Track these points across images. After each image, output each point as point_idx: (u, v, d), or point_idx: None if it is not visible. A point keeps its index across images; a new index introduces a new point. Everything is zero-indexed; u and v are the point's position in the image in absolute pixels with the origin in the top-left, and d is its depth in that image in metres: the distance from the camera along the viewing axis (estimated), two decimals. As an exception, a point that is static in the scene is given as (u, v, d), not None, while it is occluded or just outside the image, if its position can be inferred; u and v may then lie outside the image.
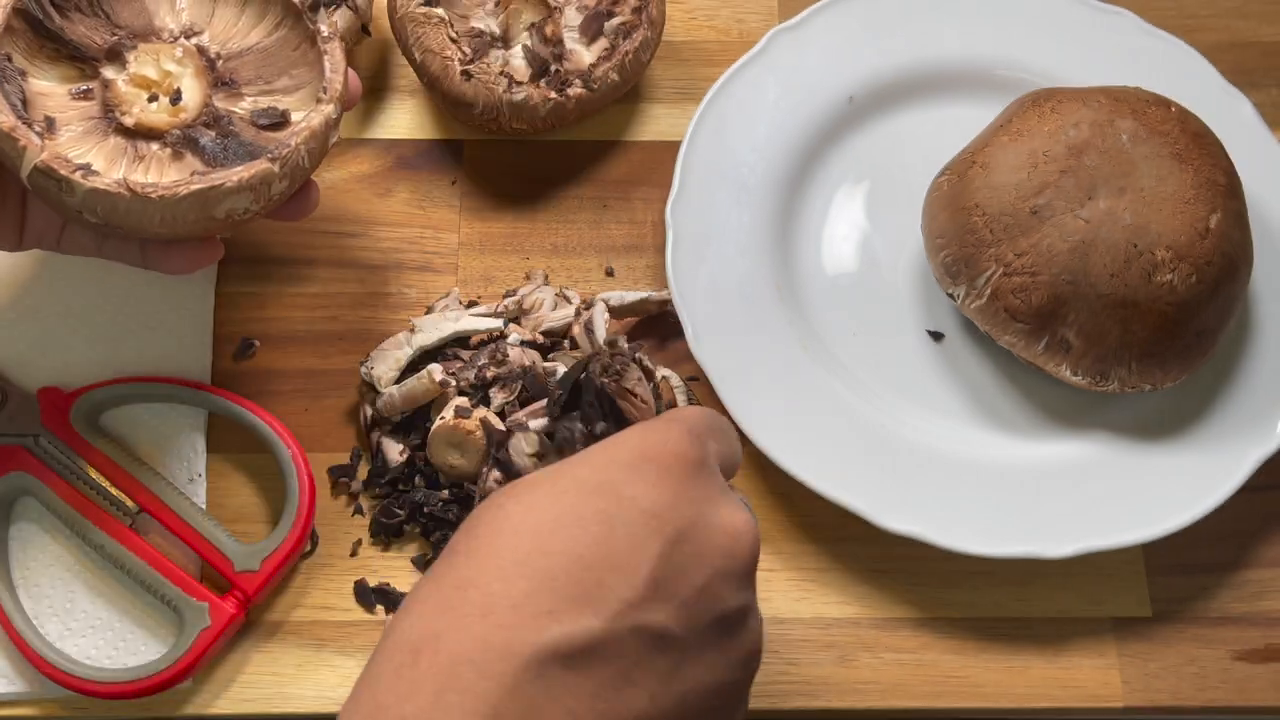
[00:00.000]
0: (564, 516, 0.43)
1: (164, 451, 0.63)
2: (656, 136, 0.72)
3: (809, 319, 0.67)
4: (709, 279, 0.66)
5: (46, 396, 0.63)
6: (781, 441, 0.62)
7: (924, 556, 0.62)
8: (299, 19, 0.60)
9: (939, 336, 0.67)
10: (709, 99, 0.69)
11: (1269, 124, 0.70)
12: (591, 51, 0.69)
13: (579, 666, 0.41)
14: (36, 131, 0.54)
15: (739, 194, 0.68)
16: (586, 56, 0.69)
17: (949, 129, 0.69)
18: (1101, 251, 0.60)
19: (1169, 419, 0.64)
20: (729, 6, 0.76)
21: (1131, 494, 0.62)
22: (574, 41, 0.69)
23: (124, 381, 0.64)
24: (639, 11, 0.69)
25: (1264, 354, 0.66)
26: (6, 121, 0.53)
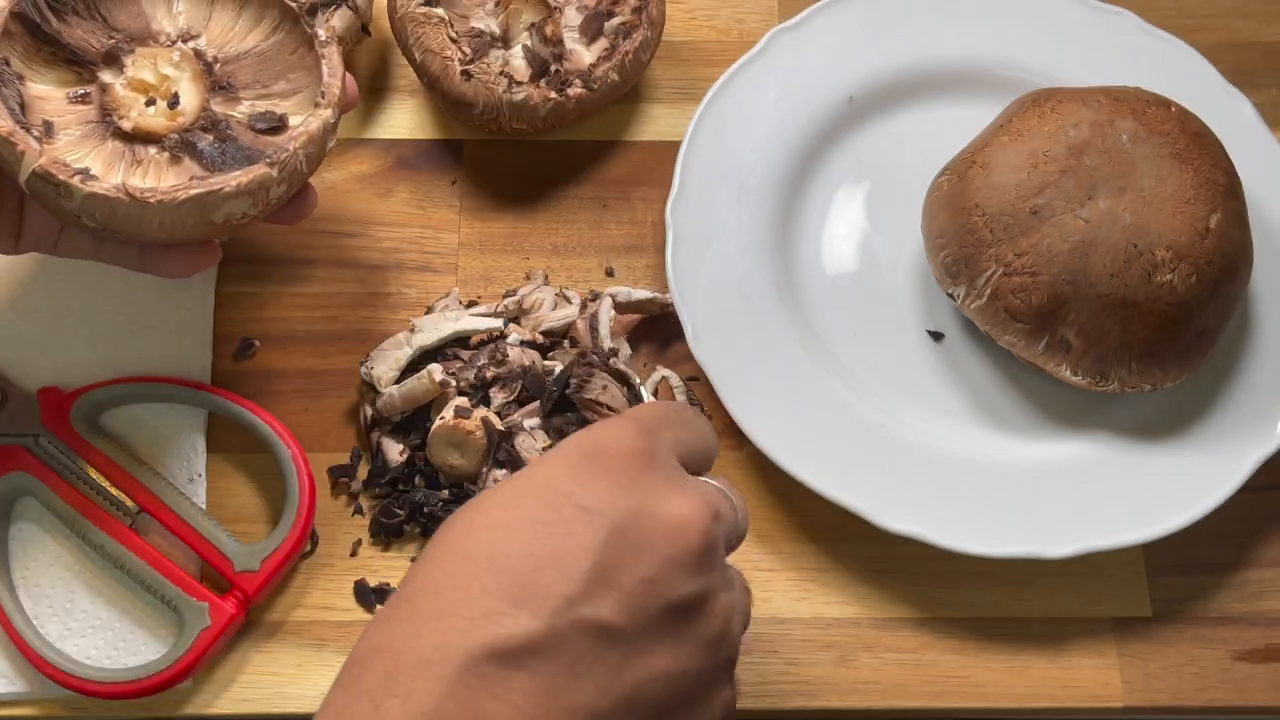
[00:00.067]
0: (512, 520, 0.44)
1: (164, 451, 0.63)
2: (656, 136, 0.72)
3: (809, 319, 0.67)
4: (709, 279, 0.66)
5: (46, 396, 0.63)
6: (781, 441, 0.62)
7: (924, 556, 0.62)
8: (296, 23, 0.60)
9: (939, 336, 0.67)
10: (709, 99, 0.69)
11: (1269, 124, 0.70)
12: (591, 51, 0.69)
13: (522, 664, 0.41)
14: (35, 136, 0.54)
15: (739, 194, 0.68)
16: (586, 56, 0.69)
17: (949, 129, 0.69)
18: (1101, 251, 0.60)
19: (1169, 419, 0.64)
20: (729, 6, 0.76)
21: (1131, 494, 0.62)
22: (574, 41, 0.69)
23: (124, 381, 0.64)
24: (639, 11, 0.69)
25: (1264, 354, 0.66)
26: (5, 126, 0.53)
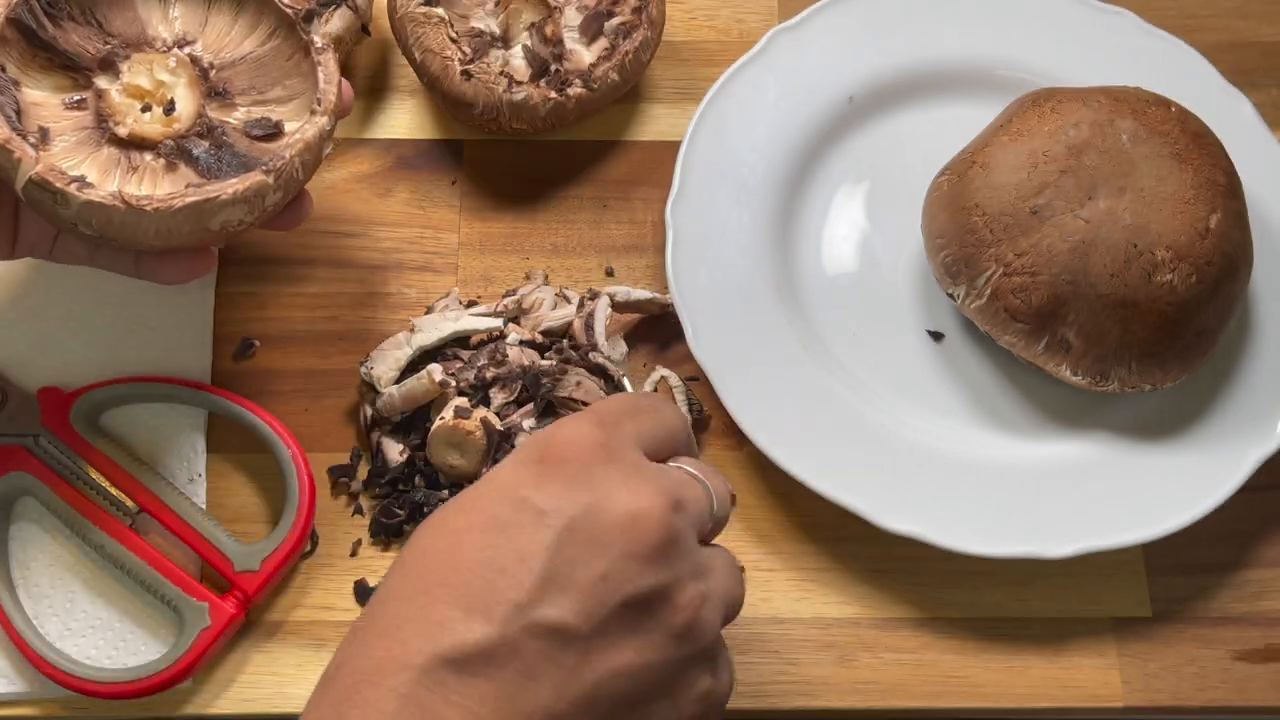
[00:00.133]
0: (467, 527, 0.44)
1: (164, 451, 0.63)
2: (656, 136, 0.72)
3: (809, 319, 0.67)
4: (709, 279, 0.66)
5: (46, 396, 0.63)
6: (781, 441, 0.62)
7: (924, 556, 0.62)
8: (292, 29, 0.60)
9: (939, 336, 0.67)
10: (709, 99, 0.69)
11: (1269, 124, 0.70)
12: (591, 51, 0.69)
13: (477, 671, 0.42)
14: (31, 143, 0.54)
15: (739, 194, 0.68)
16: (586, 56, 0.69)
17: (949, 129, 0.69)
18: (1101, 251, 0.60)
19: (1169, 419, 0.64)
20: (729, 6, 0.76)
21: (1131, 494, 0.62)
22: (574, 41, 0.69)
23: (124, 381, 0.64)
24: (639, 11, 0.69)
25: (1264, 354, 0.66)
26: (1, 134, 0.53)
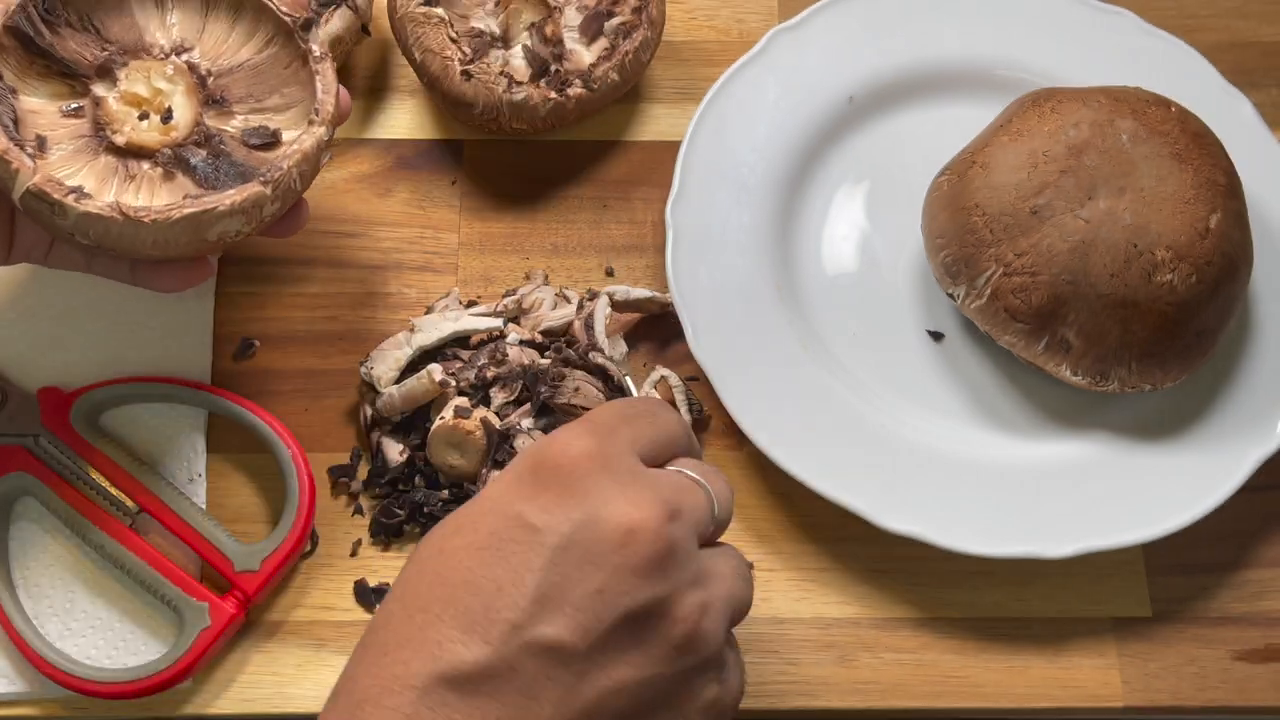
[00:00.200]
0: (463, 546, 0.44)
1: (164, 451, 0.63)
2: (656, 136, 0.72)
3: (809, 319, 0.67)
4: (709, 279, 0.66)
5: (46, 396, 0.63)
6: (781, 441, 0.62)
7: (924, 556, 0.62)
8: (289, 37, 0.59)
9: (939, 336, 0.67)
10: (709, 99, 0.69)
11: (1269, 124, 0.70)
12: (591, 51, 0.69)
13: (477, 690, 0.42)
14: (29, 153, 0.54)
15: (739, 194, 0.68)
16: (586, 56, 0.69)
17: (949, 129, 0.69)
18: (1101, 251, 0.60)
19: (1169, 419, 0.64)
20: (729, 6, 0.76)
21: (1131, 494, 0.62)
22: (574, 41, 0.69)
23: (124, 381, 0.64)
24: (639, 11, 0.69)
25: (1264, 354, 0.66)
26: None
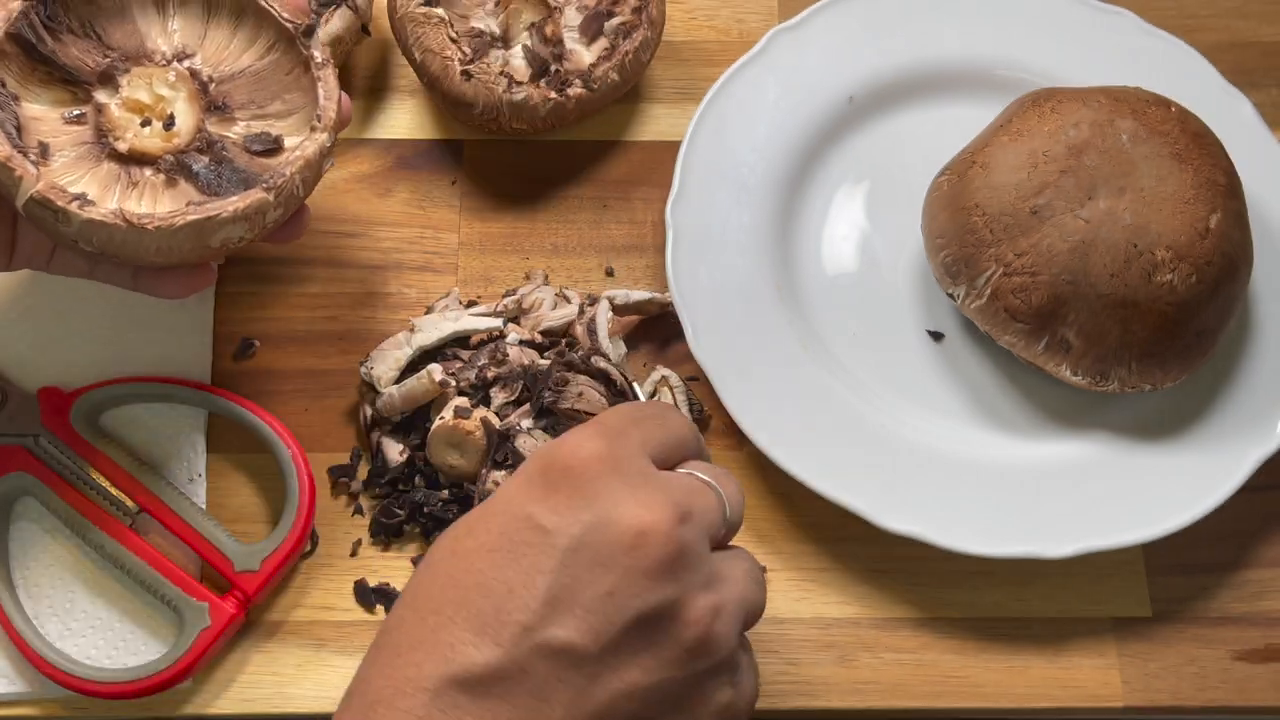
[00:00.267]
0: (474, 549, 0.44)
1: (164, 451, 0.63)
2: (656, 136, 0.72)
3: (809, 319, 0.67)
4: (709, 279, 0.66)
5: (46, 396, 0.63)
6: (781, 441, 0.62)
7: (924, 556, 0.62)
8: (291, 43, 0.59)
9: (939, 336, 0.67)
10: (709, 99, 0.69)
11: (1269, 124, 0.70)
12: (591, 51, 0.69)
13: (489, 692, 0.42)
14: (31, 160, 0.54)
15: (739, 194, 0.68)
16: (586, 56, 0.69)
17: (949, 129, 0.69)
18: (1101, 251, 0.60)
19: (1169, 419, 0.64)
20: (729, 6, 0.76)
21: (1131, 494, 0.62)
22: (574, 41, 0.69)
23: (124, 381, 0.64)
24: (639, 11, 0.69)
25: (1264, 354, 0.66)
26: (2, 151, 0.53)
